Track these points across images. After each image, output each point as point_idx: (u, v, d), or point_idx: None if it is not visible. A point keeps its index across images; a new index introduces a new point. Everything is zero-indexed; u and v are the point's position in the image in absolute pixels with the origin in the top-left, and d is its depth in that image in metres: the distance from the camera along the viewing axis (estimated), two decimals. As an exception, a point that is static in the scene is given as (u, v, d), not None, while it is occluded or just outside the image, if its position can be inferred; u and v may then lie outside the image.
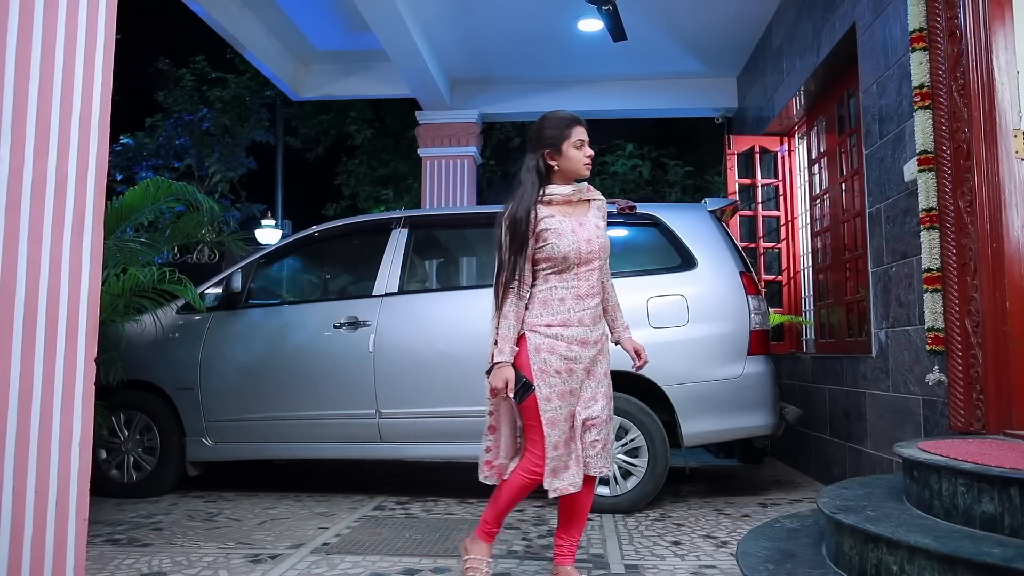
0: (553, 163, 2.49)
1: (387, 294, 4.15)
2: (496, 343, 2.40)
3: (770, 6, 5.86)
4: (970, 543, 2.01)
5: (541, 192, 2.47)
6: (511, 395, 2.36)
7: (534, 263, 2.46)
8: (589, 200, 2.56)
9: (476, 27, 6.44)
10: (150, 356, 4.31)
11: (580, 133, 2.49)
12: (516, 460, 2.52)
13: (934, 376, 3.19)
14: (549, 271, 2.44)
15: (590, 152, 2.51)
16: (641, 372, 3.70)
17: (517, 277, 2.41)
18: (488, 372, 2.43)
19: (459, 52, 6.91)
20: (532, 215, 2.42)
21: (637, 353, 2.60)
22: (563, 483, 2.38)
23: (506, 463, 2.53)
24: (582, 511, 2.56)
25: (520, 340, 2.43)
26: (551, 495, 2.39)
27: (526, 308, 2.45)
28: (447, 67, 7.24)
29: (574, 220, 2.47)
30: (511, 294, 2.41)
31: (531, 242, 2.42)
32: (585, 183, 2.57)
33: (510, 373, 2.36)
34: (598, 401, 2.46)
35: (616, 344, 2.61)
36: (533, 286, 2.47)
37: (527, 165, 2.51)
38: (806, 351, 5.62)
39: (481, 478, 2.56)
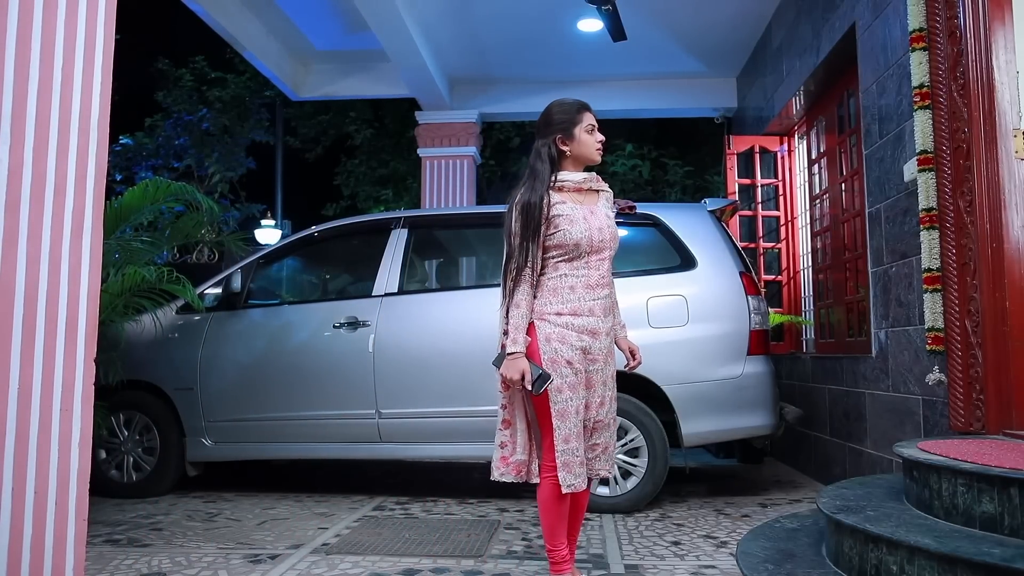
0: (565, 148, 2.45)
1: (387, 294, 4.15)
2: (507, 332, 2.33)
3: (770, 6, 5.86)
4: (970, 543, 2.01)
5: (553, 178, 2.42)
6: (529, 387, 2.29)
7: (544, 250, 2.39)
8: (599, 190, 2.52)
9: (476, 27, 6.44)
10: (150, 356, 4.31)
11: (591, 118, 2.47)
12: (536, 457, 2.48)
13: (934, 376, 3.19)
14: (559, 259, 2.39)
15: (601, 137, 2.48)
16: (641, 372, 3.74)
17: (529, 264, 2.34)
18: (495, 363, 2.37)
19: (459, 52, 6.92)
20: (546, 200, 2.36)
21: (632, 354, 2.58)
22: (576, 480, 2.31)
23: (524, 459, 2.44)
24: (579, 512, 2.54)
25: (529, 329, 2.35)
26: (563, 491, 2.31)
27: (535, 296, 2.39)
28: (447, 67, 7.24)
29: (585, 208, 2.43)
30: (523, 282, 2.34)
31: (543, 228, 2.36)
32: (594, 172, 2.54)
33: (525, 364, 2.29)
34: (605, 405, 2.44)
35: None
36: (542, 274, 2.40)
37: (538, 151, 2.45)
38: (806, 351, 5.62)
39: (496, 475, 2.45)
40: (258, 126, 14.10)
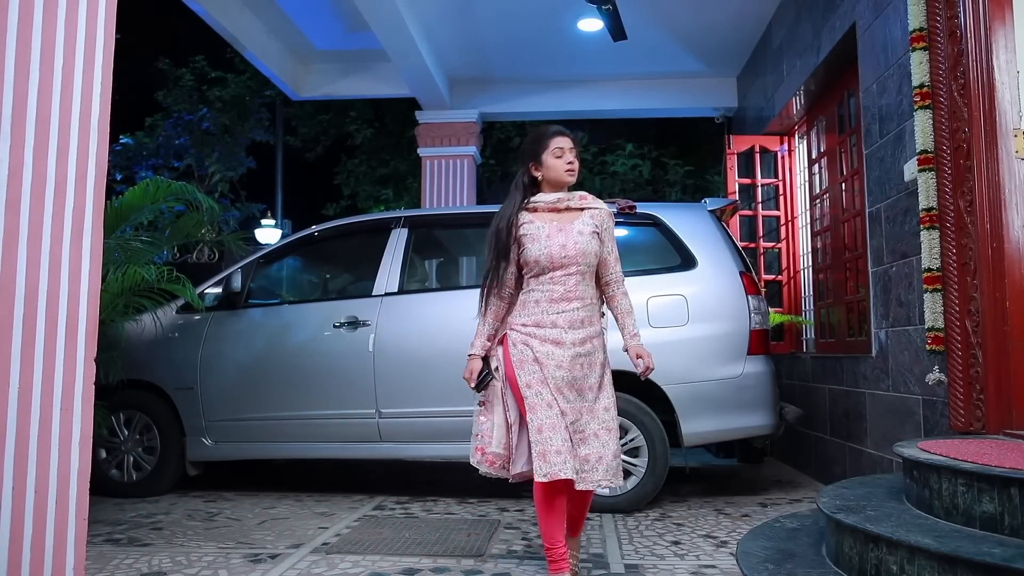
0: (537, 174, 2.63)
1: (387, 294, 4.15)
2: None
3: (770, 6, 5.86)
4: (970, 543, 2.02)
5: (526, 201, 2.63)
6: (472, 385, 2.58)
7: (519, 267, 2.60)
8: (583, 208, 2.61)
9: (476, 27, 6.44)
10: (150, 356, 4.31)
11: (559, 142, 2.60)
12: (515, 457, 2.54)
13: (934, 376, 3.19)
14: (529, 274, 2.58)
15: (571, 159, 2.59)
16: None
17: (498, 280, 2.60)
18: None
19: (459, 52, 6.91)
20: (512, 223, 2.58)
21: (640, 358, 2.57)
22: (552, 468, 2.33)
23: (500, 453, 2.54)
24: (580, 511, 2.58)
25: (504, 338, 2.58)
26: (537, 479, 2.35)
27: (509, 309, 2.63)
28: (447, 67, 7.24)
29: (554, 226, 2.56)
30: (491, 295, 2.62)
31: (514, 248, 2.58)
32: (579, 192, 2.65)
33: (476, 365, 2.59)
34: (583, 416, 2.46)
35: (625, 351, 2.61)
36: (520, 288, 2.62)
37: (514, 179, 2.68)
38: (806, 351, 5.62)
39: (473, 462, 2.61)
40: (258, 126, 14.09)
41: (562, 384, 2.44)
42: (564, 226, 2.56)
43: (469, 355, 2.61)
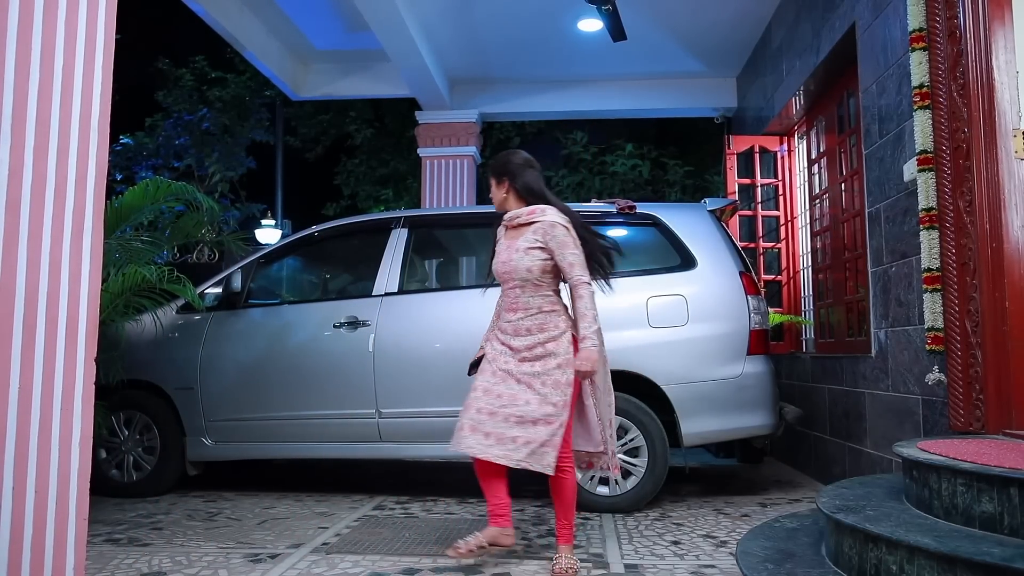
0: None
1: (387, 294, 4.15)
2: None
3: (770, 6, 5.86)
4: (969, 543, 2.02)
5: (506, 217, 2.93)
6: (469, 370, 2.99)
7: None
8: (531, 223, 2.78)
9: (476, 27, 6.44)
10: (150, 356, 4.31)
11: None
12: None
13: (934, 376, 3.19)
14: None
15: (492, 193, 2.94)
16: (641, 372, 3.77)
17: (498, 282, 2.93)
18: None
19: (459, 52, 6.92)
20: (493, 236, 2.95)
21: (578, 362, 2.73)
22: (458, 443, 2.66)
23: None
24: (558, 497, 2.80)
25: None
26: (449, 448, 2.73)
27: None
28: (447, 67, 7.24)
29: (505, 244, 2.84)
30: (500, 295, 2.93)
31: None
32: (529, 208, 2.82)
33: (480, 354, 2.91)
34: (521, 402, 2.66)
35: None
36: None
37: None
38: (806, 351, 5.62)
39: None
40: (258, 126, 14.07)
41: (502, 373, 2.71)
42: (511, 243, 2.80)
43: (480, 346, 2.95)
